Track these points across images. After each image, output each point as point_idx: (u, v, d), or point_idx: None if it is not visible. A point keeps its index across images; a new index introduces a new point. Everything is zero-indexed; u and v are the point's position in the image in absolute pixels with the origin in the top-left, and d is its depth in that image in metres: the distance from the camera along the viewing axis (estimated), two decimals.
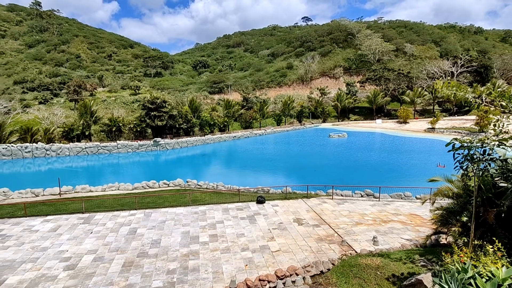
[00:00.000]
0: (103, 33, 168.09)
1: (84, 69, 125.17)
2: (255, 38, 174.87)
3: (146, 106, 51.85)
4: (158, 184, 25.21)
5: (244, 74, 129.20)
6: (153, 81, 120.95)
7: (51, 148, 43.12)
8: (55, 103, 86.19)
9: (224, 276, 12.14)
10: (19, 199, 22.07)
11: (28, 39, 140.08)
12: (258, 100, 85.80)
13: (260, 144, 55.18)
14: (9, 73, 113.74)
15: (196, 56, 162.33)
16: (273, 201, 21.24)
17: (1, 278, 12.15)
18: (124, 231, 16.40)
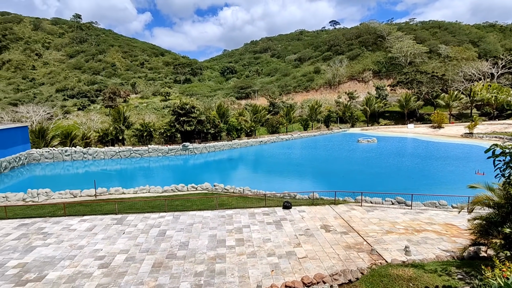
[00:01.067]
0: (136, 42, 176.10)
1: (119, 77, 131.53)
2: (282, 43, 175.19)
3: (176, 112, 53.46)
4: (186, 187, 25.81)
5: (271, 79, 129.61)
6: (183, 87, 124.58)
7: (88, 151, 45.58)
8: (92, 109, 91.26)
9: (250, 281, 12.15)
10: (59, 199, 23.50)
11: (69, 50, 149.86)
12: (284, 105, 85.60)
13: (287, 149, 54.90)
14: (52, 81, 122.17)
15: (224, 62, 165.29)
16: (299, 206, 21.02)
17: (42, 273, 12.97)
18: (154, 232, 16.93)
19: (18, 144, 41.56)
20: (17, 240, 16.25)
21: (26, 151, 42.90)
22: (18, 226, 18.19)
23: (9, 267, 13.49)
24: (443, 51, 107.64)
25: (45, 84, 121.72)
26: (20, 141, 42.28)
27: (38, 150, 44.48)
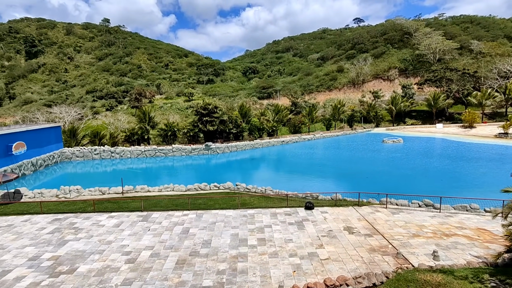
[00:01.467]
0: (161, 44, 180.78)
1: (144, 78, 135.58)
2: (304, 43, 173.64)
3: (199, 112, 54.37)
4: (209, 186, 26.19)
5: (293, 78, 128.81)
6: (205, 87, 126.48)
7: (116, 150, 47.33)
8: (119, 109, 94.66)
9: (272, 281, 12.16)
10: (89, 196, 24.59)
11: (98, 53, 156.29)
12: (307, 104, 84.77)
13: (309, 149, 54.35)
14: (83, 83, 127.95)
15: (246, 63, 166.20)
16: (322, 207, 20.75)
17: (74, 266, 13.63)
18: (178, 230, 17.32)
19: (52, 143, 43.88)
20: (51, 234, 17.17)
21: (59, 150, 45.21)
22: (52, 220, 19.21)
23: (44, 259, 14.29)
24: (475, 47, 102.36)
25: (76, 86, 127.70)
26: (54, 140, 44.61)
27: (69, 149, 46.75)
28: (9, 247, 15.58)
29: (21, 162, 36.22)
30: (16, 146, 35.21)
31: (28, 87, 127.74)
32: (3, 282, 12.49)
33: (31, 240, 16.42)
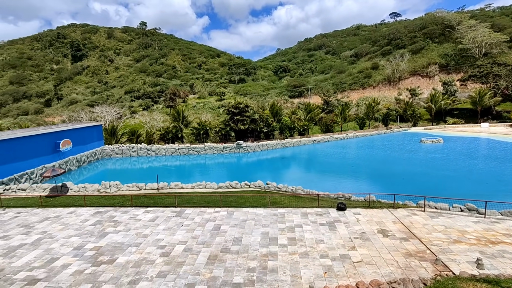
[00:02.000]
0: (195, 45, 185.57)
1: (178, 79, 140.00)
2: (337, 40, 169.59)
3: (230, 111, 55.13)
4: (240, 184, 26.49)
5: (325, 76, 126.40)
6: (237, 87, 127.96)
7: (151, 148, 49.39)
8: (155, 109, 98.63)
9: (302, 281, 12.06)
10: (127, 191, 25.89)
11: (136, 55, 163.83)
12: (339, 103, 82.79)
13: (341, 149, 53.08)
14: (122, 84, 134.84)
15: (277, 61, 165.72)
16: (354, 208, 20.20)
17: (113, 257, 14.44)
18: (210, 226, 17.72)
19: (94, 140, 46.75)
20: (93, 226, 18.32)
21: (100, 147, 48.06)
22: (94, 213, 20.50)
23: (87, 249, 15.29)
24: None
25: (116, 86, 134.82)
26: (96, 138, 47.50)
27: (110, 146, 49.53)
28: (57, 237, 16.86)
29: (67, 158, 38.98)
30: (63, 143, 37.95)
31: (73, 88, 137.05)
32: (52, 268, 13.56)
33: (76, 231, 17.63)
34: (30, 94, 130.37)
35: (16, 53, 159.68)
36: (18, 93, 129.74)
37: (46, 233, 17.43)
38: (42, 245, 15.89)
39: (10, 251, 15.32)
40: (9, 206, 22.59)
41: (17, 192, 26.63)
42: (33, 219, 19.72)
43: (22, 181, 31.35)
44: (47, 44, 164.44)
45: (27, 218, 19.95)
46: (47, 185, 27.61)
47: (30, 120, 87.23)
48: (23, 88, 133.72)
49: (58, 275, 12.93)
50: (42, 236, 17.03)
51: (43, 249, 15.38)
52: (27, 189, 27.03)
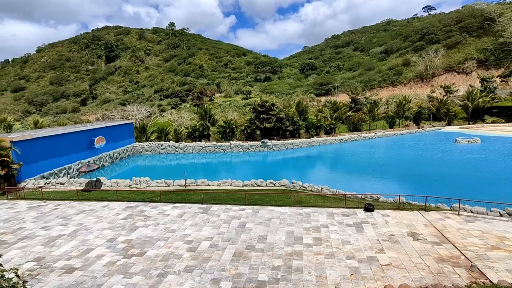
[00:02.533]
0: (221, 44, 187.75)
1: (205, 78, 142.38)
2: (366, 36, 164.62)
3: (256, 110, 55.31)
4: (265, 183, 26.56)
5: (353, 74, 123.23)
6: (263, 85, 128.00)
7: (179, 146, 50.71)
8: (182, 107, 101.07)
9: (327, 282, 11.91)
10: (156, 187, 26.78)
11: (165, 55, 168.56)
12: (367, 101, 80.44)
13: (369, 148, 51.61)
14: (151, 84, 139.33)
15: (304, 59, 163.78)
16: (383, 210, 19.60)
17: (143, 250, 15.02)
18: (235, 224, 17.92)
19: (126, 138, 48.76)
20: (124, 219, 19.15)
21: (131, 144, 50.04)
22: (125, 208, 21.41)
23: (119, 241, 16.02)
24: None
25: (146, 86, 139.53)
26: (127, 136, 49.51)
27: (140, 143, 51.44)
28: (91, 229, 17.81)
29: (101, 154, 40.97)
30: (97, 140, 39.92)
31: (107, 88, 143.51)
32: (88, 258, 14.35)
33: (109, 224, 18.52)
34: (68, 94, 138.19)
35: (55, 55, 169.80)
36: (57, 92, 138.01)
37: (82, 225, 18.46)
38: (79, 236, 16.84)
39: (50, 240, 16.40)
40: (49, 198, 24.15)
41: (56, 186, 28.38)
42: (71, 212, 20.95)
43: (61, 176, 33.38)
44: (83, 46, 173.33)
45: (65, 211, 21.23)
46: (83, 179, 29.19)
47: (67, 118, 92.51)
48: (62, 88, 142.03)
49: (93, 265, 13.67)
50: (79, 227, 18.05)
51: (79, 240, 16.30)
52: (65, 183, 28.74)
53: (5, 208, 22.43)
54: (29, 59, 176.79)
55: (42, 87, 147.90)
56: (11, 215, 20.68)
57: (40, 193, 25.07)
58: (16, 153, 27.88)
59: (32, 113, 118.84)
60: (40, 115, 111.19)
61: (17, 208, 22.16)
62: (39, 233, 17.49)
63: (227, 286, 11.79)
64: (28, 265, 13.85)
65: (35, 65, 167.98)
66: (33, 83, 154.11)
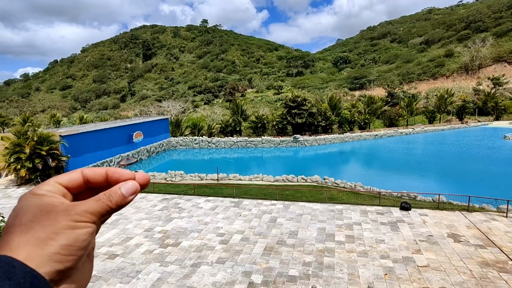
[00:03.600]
0: (253, 40, 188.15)
1: (237, 73, 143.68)
2: (404, 26, 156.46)
3: (288, 105, 54.93)
4: (296, 178, 26.43)
5: (390, 67, 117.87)
6: (294, 80, 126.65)
7: (212, 140, 51.85)
8: (215, 103, 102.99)
9: (360, 280, 11.68)
10: (190, 181, 27.68)
11: (198, 51, 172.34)
12: (405, 95, 76.66)
13: (406, 144, 49.31)
14: (185, 80, 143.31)
15: (337, 53, 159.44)
16: (420, 209, 18.73)
17: (178, 240, 15.66)
18: (266, 218, 18.07)
19: (161, 133, 50.76)
20: (160, 211, 20.05)
21: (167, 139, 52.00)
22: (161, 200, 22.39)
23: (155, 231, 16.83)
24: None
25: (180, 82, 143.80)
26: (163, 131, 51.50)
27: (175, 138, 53.29)
28: (131, 219, 18.87)
29: (139, 148, 43.04)
30: (136, 135, 41.97)
31: (144, 85, 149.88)
32: (127, 246, 15.26)
33: (146, 214, 19.49)
34: (109, 91, 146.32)
35: (98, 54, 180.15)
36: (99, 90, 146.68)
37: (122, 215, 19.60)
38: (119, 225, 17.93)
39: None
40: None
41: None
42: None
43: None
44: (122, 45, 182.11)
45: None
46: None
47: (108, 114, 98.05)
48: (103, 85, 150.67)
49: (132, 253, 14.51)
50: (120, 217, 19.20)
51: (120, 229, 17.36)
52: None
53: None
54: (74, 59, 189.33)
55: (86, 85, 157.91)
56: None
57: None
58: (64, 147, 30.15)
59: (78, 109, 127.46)
60: (85, 111, 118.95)
61: None
62: None
63: (258, 279, 11.97)
64: None
65: (80, 64, 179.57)
66: (78, 82, 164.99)
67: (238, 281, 11.92)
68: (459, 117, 67.94)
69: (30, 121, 52.61)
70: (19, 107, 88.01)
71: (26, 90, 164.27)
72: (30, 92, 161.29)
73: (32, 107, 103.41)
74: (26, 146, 27.56)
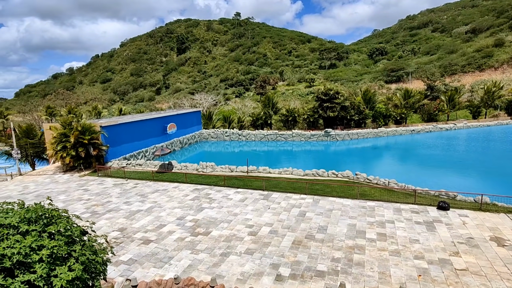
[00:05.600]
0: (285, 32, 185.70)
1: (269, 66, 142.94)
2: (448, 14, 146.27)
3: (320, 98, 53.83)
4: (327, 173, 25.97)
5: (430, 58, 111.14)
6: (327, 73, 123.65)
7: (242, 133, 52.32)
8: (246, 96, 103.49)
9: (391, 280, 11.31)
10: (220, 172, 28.20)
11: (230, 45, 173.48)
12: (447, 88, 72.06)
13: (446, 140, 46.51)
14: (217, 73, 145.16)
15: (373, 44, 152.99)
16: (460, 209, 17.66)
17: (208, 229, 16.09)
18: (295, 212, 18.00)
19: (194, 125, 52.06)
20: (192, 200, 20.67)
21: (199, 131, 53.28)
22: (193, 190, 23.07)
23: (187, 220, 17.41)
24: None
25: (212, 75, 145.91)
26: (195, 123, 52.79)
27: (206, 130, 54.44)
28: (164, 207, 19.66)
29: (172, 139, 44.51)
30: (170, 127, 43.41)
31: (178, 78, 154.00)
32: (160, 232, 15.95)
33: (179, 203, 20.20)
34: (145, 84, 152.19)
35: (135, 49, 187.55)
36: (136, 83, 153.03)
37: (156, 203, 20.48)
38: (153, 212, 18.76)
39: (131, 214, 18.60)
40: (130, 177, 27.26)
41: (135, 167, 31.84)
42: (147, 190, 23.38)
43: (139, 158, 37.29)
44: (158, 39, 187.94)
45: (142, 189, 23.78)
46: (157, 162, 32.16)
47: (144, 106, 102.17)
48: (140, 79, 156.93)
49: (165, 239, 15.15)
50: (153, 205, 20.09)
51: (154, 216, 18.16)
52: (142, 165, 32.05)
53: (96, 183, 26.05)
54: (114, 53, 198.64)
55: (124, 78, 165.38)
56: (101, 190, 23.95)
57: (123, 173, 28.43)
58: (104, 137, 31.93)
59: (116, 102, 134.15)
60: (123, 103, 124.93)
61: (105, 184, 25.55)
62: (122, 207, 19.95)
63: (285, 272, 12.01)
64: (114, 234, 15.97)
65: (118, 58, 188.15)
66: (117, 75, 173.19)
67: (266, 272, 12.04)
68: (508, 113, 62.73)
69: (74, 112, 56.20)
70: (65, 99, 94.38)
71: (71, 83, 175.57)
72: (74, 85, 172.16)
73: (76, 99, 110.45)
74: (71, 136, 29.55)
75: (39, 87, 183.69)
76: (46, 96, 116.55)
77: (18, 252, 5.86)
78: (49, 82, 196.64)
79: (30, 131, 39.71)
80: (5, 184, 28.06)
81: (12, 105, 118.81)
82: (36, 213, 6.89)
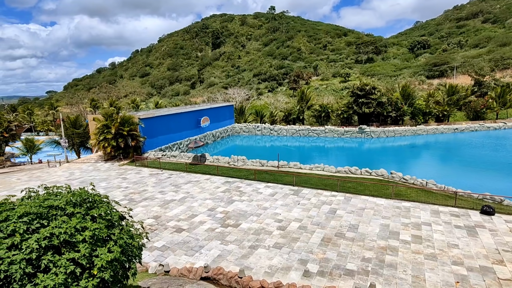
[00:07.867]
0: (321, 25, 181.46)
1: (303, 60, 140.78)
2: (502, 3, 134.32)
3: (355, 93, 52.15)
4: (360, 171, 25.24)
5: (479, 51, 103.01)
6: (364, 67, 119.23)
7: (274, 128, 52.25)
8: (278, 91, 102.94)
9: (426, 285, 10.83)
10: (251, 166, 28.46)
11: (264, 39, 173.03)
12: (497, 84, 66.43)
13: (494, 140, 43.09)
14: (251, 68, 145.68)
15: (414, 37, 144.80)
16: (507, 215, 16.38)
17: (238, 222, 16.37)
18: (325, 209, 17.74)
19: (226, 119, 52.87)
20: (223, 193, 21.11)
21: (231, 125, 54.02)
22: (224, 182, 23.53)
23: (217, 211, 17.84)
24: None
25: (246, 70, 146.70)
26: (228, 117, 53.57)
27: (238, 124, 55.05)
28: (196, 197, 20.28)
29: (205, 133, 45.58)
30: (203, 120, 44.47)
31: (212, 72, 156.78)
32: (192, 222, 16.51)
33: (210, 195, 20.73)
34: (181, 78, 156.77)
35: (172, 44, 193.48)
36: (172, 77, 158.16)
37: (189, 193, 21.18)
38: (186, 203, 19.43)
39: (165, 203, 19.42)
40: (165, 168, 28.40)
41: (170, 158, 33.09)
42: (180, 181, 24.23)
43: (174, 149, 38.67)
44: (194, 34, 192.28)
45: (176, 180, 24.68)
46: (191, 154, 33.17)
47: (179, 100, 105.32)
48: (176, 73, 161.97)
49: (196, 229, 15.66)
50: (186, 195, 20.79)
51: (186, 206, 18.81)
52: (177, 156, 33.22)
53: (134, 173, 27.46)
54: (152, 48, 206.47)
55: (161, 72, 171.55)
56: (138, 179, 25.22)
57: (158, 163, 29.68)
58: (141, 128, 33.47)
59: (154, 95, 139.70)
60: (159, 97, 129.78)
61: (142, 174, 26.86)
62: (157, 196, 20.87)
63: (314, 268, 11.93)
64: (149, 221, 16.79)
65: (156, 53, 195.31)
66: (155, 69, 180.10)
67: (294, 267, 12.04)
68: None
69: (115, 105, 59.40)
70: (107, 92, 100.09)
71: (112, 77, 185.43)
72: (116, 79, 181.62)
73: (117, 93, 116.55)
74: (112, 127, 31.33)
75: (85, 80, 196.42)
76: (90, 90, 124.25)
77: (64, 232, 6.39)
78: (93, 76, 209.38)
79: (76, 122, 42.71)
80: (54, 170, 30.54)
81: (61, 98, 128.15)
82: (81, 197, 7.44)
